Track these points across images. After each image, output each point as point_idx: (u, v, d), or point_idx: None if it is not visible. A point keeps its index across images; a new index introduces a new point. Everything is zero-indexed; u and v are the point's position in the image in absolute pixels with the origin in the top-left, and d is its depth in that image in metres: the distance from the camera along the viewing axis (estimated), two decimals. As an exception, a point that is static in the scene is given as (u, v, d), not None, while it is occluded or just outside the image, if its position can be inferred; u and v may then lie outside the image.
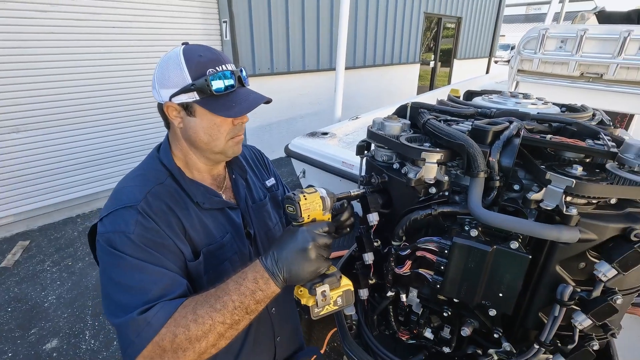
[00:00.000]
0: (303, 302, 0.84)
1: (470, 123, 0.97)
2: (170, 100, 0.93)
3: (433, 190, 0.93)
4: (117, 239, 0.85)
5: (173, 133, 1.02)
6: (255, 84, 6.52)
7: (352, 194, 0.99)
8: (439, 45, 10.37)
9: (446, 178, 0.90)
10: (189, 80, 0.90)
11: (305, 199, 0.84)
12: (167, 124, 1.02)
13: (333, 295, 0.85)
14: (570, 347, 0.81)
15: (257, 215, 1.17)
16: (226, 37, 5.51)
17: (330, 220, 0.91)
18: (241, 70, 0.99)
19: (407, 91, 9.33)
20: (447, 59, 11.01)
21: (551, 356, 0.88)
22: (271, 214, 1.22)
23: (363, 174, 1.11)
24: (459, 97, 1.31)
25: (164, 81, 0.92)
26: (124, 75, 4.55)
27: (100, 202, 4.85)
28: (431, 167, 0.88)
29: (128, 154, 4.89)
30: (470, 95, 1.34)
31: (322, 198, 0.87)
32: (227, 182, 1.14)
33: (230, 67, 0.96)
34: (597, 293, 0.76)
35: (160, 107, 0.97)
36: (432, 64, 10.52)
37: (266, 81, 6.15)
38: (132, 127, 4.85)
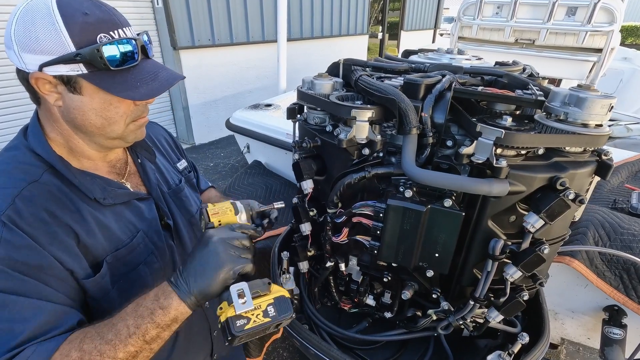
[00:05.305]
0: (222, 318, 0.66)
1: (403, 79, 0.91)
2: (40, 70, 0.69)
3: (367, 151, 0.87)
4: None
5: (46, 111, 0.77)
6: (195, 57, 6.10)
7: (275, 206, 0.94)
8: (387, 17, 10.35)
9: (379, 137, 0.84)
10: (70, 48, 0.68)
11: (214, 205, 0.80)
12: (37, 98, 0.76)
13: (261, 304, 0.68)
14: (502, 299, 0.82)
15: (177, 202, 1.00)
16: (158, 4, 5.00)
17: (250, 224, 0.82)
18: (144, 37, 0.78)
19: (357, 64, 9.26)
20: (394, 32, 11.05)
21: (486, 310, 0.89)
22: (190, 198, 1.05)
23: (296, 138, 1.03)
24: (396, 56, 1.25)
25: (30, 43, 0.67)
26: None
27: None
28: (362, 125, 0.82)
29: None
30: (407, 54, 1.29)
31: (232, 203, 0.82)
32: (131, 167, 0.94)
33: (130, 32, 0.75)
34: (526, 245, 0.76)
35: (24, 76, 0.72)
36: (380, 35, 10.53)
37: (207, 54, 5.75)
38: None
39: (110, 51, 0.70)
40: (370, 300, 1.03)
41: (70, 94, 0.72)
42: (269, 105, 2.76)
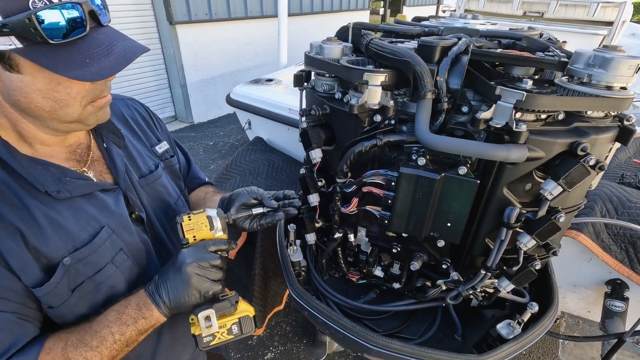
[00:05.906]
0: (192, 330, 0.77)
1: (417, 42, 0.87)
2: None
3: (378, 118, 0.84)
4: None
5: None
6: (192, 33, 5.93)
7: (253, 213, 0.90)
8: (388, -8, 10.06)
9: (392, 103, 0.81)
10: None
11: (190, 219, 0.80)
12: None
13: (226, 323, 0.77)
14: (514, 269, 0.81)
15: (150, 192, 0.89)
16: (152, -24, 4.82)
17: (225, 239, 0.82)
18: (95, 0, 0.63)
19: (358, 40, 9.05)
20: (396, 8, 10.76)
21: (496, 280, 0.89)
22: (169, 187, 0.95)
23: (304, 107, 1.00)
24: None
25: None
26: None
27: None
28: (375, 90, 0.78)
29: None
30: (418, 20, 1.24)
31: (208, 217, 0.81)
32: (95, 153, 0.82)
33: None
34: (542, 213, 0.74)
35: None
36: (381, 11, 10.26)
37: (205, 29, 5.59)
38: None
39: (48, 19, 0.57)
40: (378, 272, 1.02)
41: (7, 72, 0.60)
42: (270, 80, 2.70)
